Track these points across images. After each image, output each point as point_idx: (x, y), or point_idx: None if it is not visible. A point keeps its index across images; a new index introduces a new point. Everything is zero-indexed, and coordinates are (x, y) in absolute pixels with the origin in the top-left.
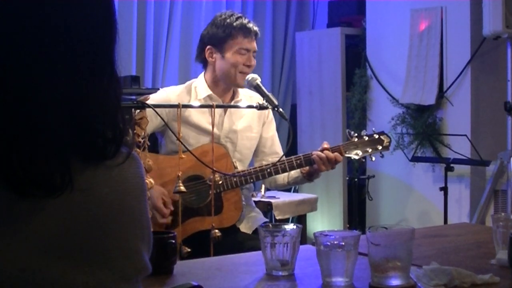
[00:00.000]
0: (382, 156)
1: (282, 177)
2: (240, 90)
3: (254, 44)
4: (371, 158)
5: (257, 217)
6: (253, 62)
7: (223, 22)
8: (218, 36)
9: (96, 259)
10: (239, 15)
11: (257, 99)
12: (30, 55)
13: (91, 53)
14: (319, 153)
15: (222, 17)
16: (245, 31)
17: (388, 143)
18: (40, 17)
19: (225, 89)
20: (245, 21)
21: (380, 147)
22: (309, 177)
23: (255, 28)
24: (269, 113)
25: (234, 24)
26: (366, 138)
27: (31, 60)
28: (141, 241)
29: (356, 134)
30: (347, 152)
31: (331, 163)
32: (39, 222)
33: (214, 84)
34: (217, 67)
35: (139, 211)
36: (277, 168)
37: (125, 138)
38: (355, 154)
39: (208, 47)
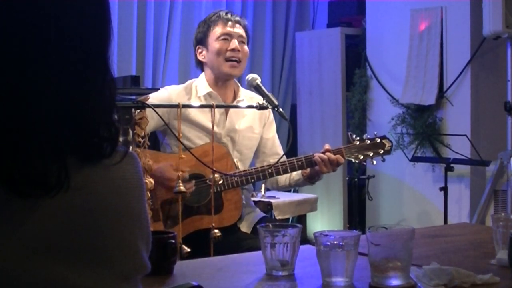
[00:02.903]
0: (383, 160)
1: (284, 179)
2: (241, 90)
3: (238, 30)
4: (372, 162)
5: (256, 215)
6: (237, 46)
7: (204, 19)
8: (201, 32)
9: (94, 258)
10: (221, 10)
11: (258, 100)
12: (24, 55)
13: (85, 53)
14: (321, 154)
15: (206, 16)
16: (223, 19)
17: (389, 147)
18: (33, 16)
19: (225, 87)
20: (223, 12)
21: (381, 151)
22: (310, 179)
23: (236, 18)
24: (269, 114)
25: (212, 18)
26: (368, 142)
27: (25, 60)
28: (140, 240)
29: (358, 138)
30: (348, 155)
31: (332, 165)
32: (35, 222)
33: (213, 82)
34: (208, 62)
35: (137, 210)
36: (278, 169)
37: (124, 138)
38: (357, 157)
39: (197, 47)
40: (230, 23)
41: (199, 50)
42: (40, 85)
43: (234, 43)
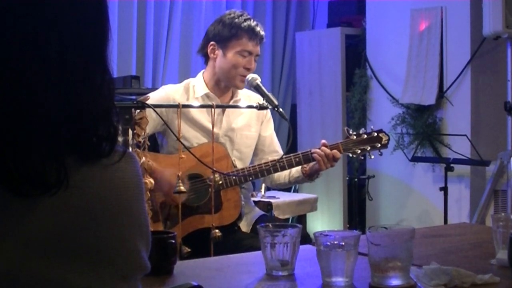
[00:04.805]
0: (381, 154)
1: (283, 176)
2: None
3: (258, 48)
4: (370, 156)
5: (255, 213)
6: (253, 65)
7: (231, 21)
8: (224, 34)
9: (93, 258)
10: (248, 16)
11: (256, 98)
12: (23, 55)
13: (83, 52)
14: (317, 150)
15: (231, 15)
16: (251, 34)
17: (386, 141)
18: (32, 17)
19: (223, 88)
20: (253, 23)
21: (378, 145)
22: (310, 177)
23: (262, 33)
24: (267, 112)
25: (242, 25)
26: (365, 136)
27: (24, 60)
28: (140, 239)
29: (354, 133)
30: (345, 150)
31: (329, 160)
32: (34, 221)
33: (212, 83)
34: (217, 65)
35: (136, 210)
36: (276, 166)
37: (123, 137)
38: (354, 152)
39: (211, 42)
40: (256, 40)
41: (212, 47)
42: (39, 85)
43: (252, 62)
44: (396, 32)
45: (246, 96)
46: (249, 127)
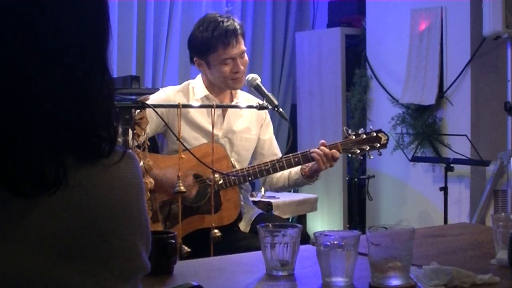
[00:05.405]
0: (380, 154)
1: (282, 179)
2: (238, 91)
3: (239, 47)
4: (369, 156)
5: (253, 212)
6: (241, 66)
7: (202, 36)
8: (201, 50)
9: (93, 258)
10: (220, 19)
11: (255, 101)
12: (22, 54)
13: (83, 53)
14: (316, 150)
15: (201, 27)
16: (224, 40)
17: (385, 141)
18: (32, 16)
19: (222, 90)
20: (224, 25)
21: (377, 145)
22: (309, 178)
23: (236, 27)
24: (266, 116)
25: (214, 35)
26: (364, 136)
27: (24, 60)
28: (140, 240)
29: (353, 132)
30: (344, 150)
31: (329, 160)
32: (33, 221)
33: (211, 85)
34: (208, 75)
35: (137, 210)
36: (276, 166)
37: (124, 138)
38: (353, 152)
39: (195, 58)
40: (232, 42)
41: (197, 62)
42: (39, 85)
43: (237, 65)
44: (396, 32)
45: (245, 99)
46: (249, 130)
